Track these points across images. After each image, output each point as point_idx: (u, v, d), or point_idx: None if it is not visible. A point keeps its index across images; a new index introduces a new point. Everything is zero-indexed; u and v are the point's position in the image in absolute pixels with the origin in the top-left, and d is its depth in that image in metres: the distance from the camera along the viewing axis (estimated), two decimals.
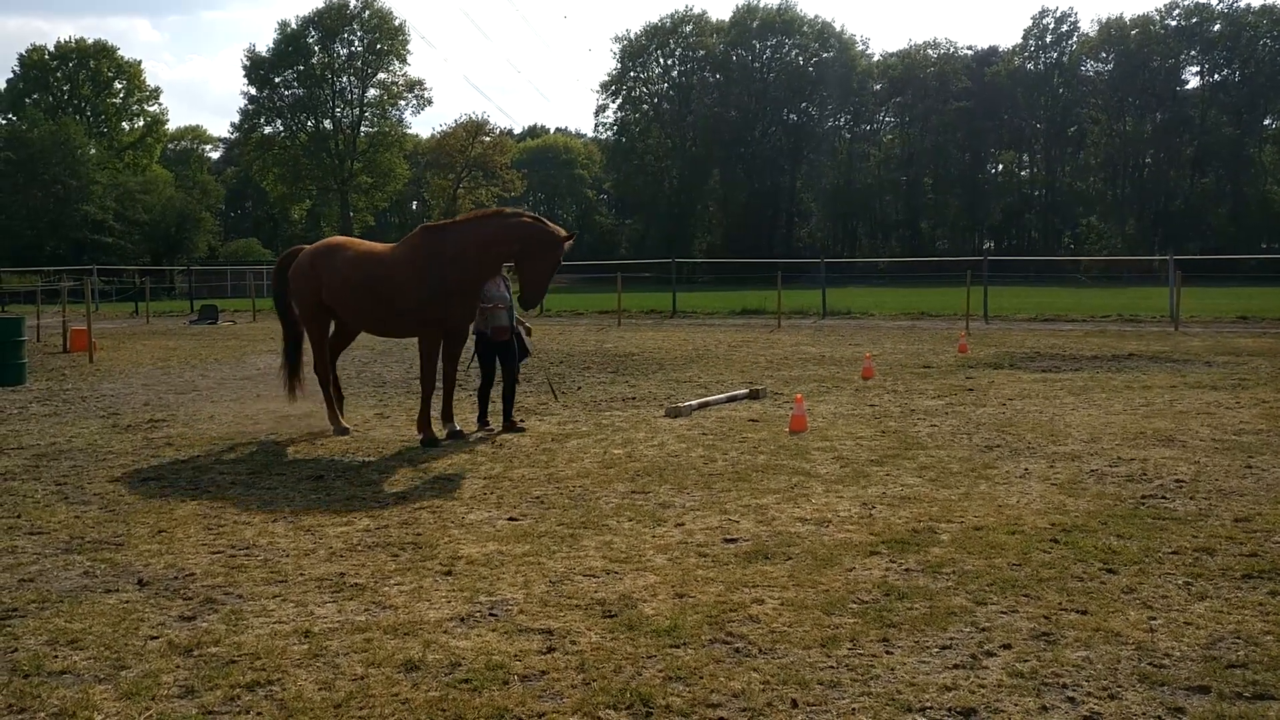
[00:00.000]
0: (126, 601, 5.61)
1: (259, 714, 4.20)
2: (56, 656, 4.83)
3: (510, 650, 4.83)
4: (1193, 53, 79.89)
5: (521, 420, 11.62)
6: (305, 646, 4.91)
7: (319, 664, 4.70)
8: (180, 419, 12.31)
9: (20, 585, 5.91)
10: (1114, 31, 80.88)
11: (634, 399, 13.75)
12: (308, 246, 11.77)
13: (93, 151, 77.69)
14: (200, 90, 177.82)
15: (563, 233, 10.78)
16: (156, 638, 5.05)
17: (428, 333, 10.73)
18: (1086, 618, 5.19)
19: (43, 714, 4.22)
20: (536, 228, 10.62)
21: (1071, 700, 4.27)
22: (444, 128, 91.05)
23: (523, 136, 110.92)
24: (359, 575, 6.04)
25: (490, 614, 5.34)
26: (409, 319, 10.74)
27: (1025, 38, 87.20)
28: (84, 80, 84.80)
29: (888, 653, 4.79)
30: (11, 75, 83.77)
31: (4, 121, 79.19)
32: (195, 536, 6.97)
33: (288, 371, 11.92)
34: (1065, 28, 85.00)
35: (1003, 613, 5.29)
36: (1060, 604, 5.40)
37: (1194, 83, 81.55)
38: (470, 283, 10.62)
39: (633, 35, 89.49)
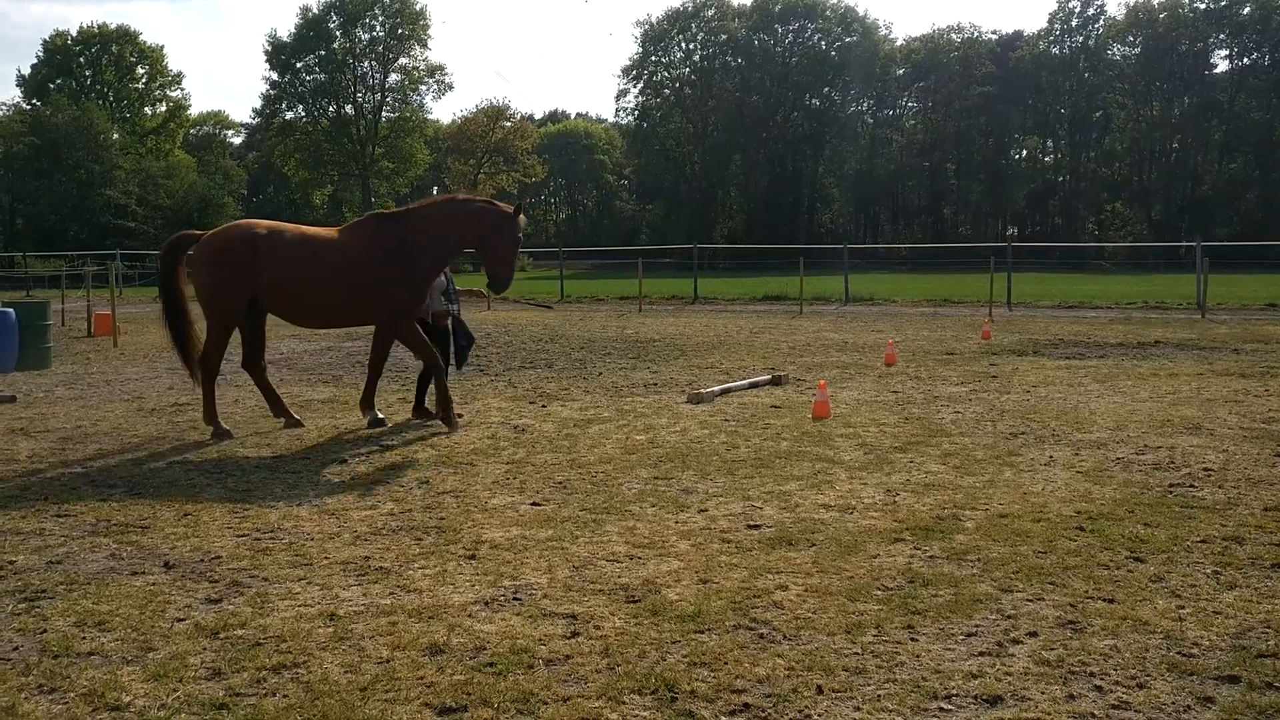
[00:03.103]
0: (153, 584, 5.65)
1: (285, 696, 4.22)
2: (85, 638, 4.86)
3: (534, 634, 4.84)
4: (1222, 36, 78.85)
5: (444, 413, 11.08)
6: (330, 629, 4.93)
7: (344, 647, 4.72)
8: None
9: (48, 567, 5.96)
10: (1142, 15, 79.93)
11: (656, 385, 13.74)
12: (199, 232, 10.92)
13: (116, 137, 78.00)
14: (222, 75, 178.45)
15: (515, 211, 10.71)
16: (183, 620, 5.09)
17: (391, 320, 10.43)
18: (1114, 606, 5.15)
19: (72, 694, 4.26)
20: (494, 210, 10.59)
21: (1099, 689, 4.24)
22: (465, 113, 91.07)
23: (543, 122, 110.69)
24: (383, 559, 6.07)
25: (514, 598, 5.35)
26: (370, 309, 10.41)
27: (1051, 22, 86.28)
28: (107, 65, 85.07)
29: (913, 640, 4.77)
30: (35, 61, 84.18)
31: (28, 107, 79.56)
32: (220, 519, 7.01)
33: (186, 356, 10.63)
34: (1092, 11, 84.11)
35: (1029, 600, 5.26)
36: (1087, 592, 5.36)
37: (1223, 66, 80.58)
38: (434, 269, 10.56)
39: (654, 20, 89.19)
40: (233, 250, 10.17)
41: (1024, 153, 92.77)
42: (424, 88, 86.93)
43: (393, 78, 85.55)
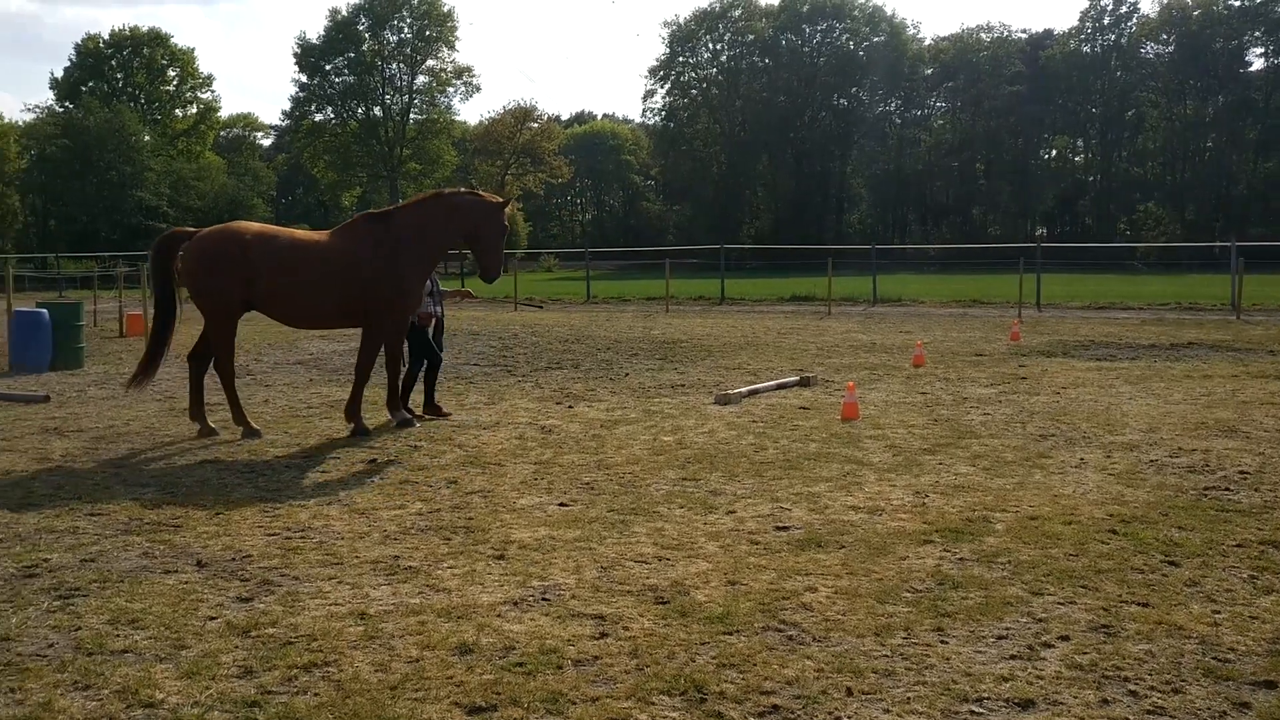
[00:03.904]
0: (185, 582, 5.70)
1: (316, 694, 4.25)
2: (118, 635, 4.91)
3: (563, 635, 4.84)
4: (1257, 34, 77.85)
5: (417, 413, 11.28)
6: (361, 628, 4.95)
7: (374, 646, 4.75)
8: None
9: (82, 565, 6.02)
10: (1175, 12, 79.06)
11: (683, 386, 13.73)
12: (193, 230, 10.71)
13: (147, 139, 78.73)
14: (251, 78, 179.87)
15: (500, 199, 10.77)
16: (215, 618, 5.12)
17: (386, 323, 10.36)
18: (1148, 610, 5.10)
19: (106, 691, 4.30)
20: (480, 201, 10.61)
21: (1134, 694, 4.20)
22: (492, 114, 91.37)
23: (570, 123, 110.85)
24: (412, 558, 6.09)
25: (543, 598, 5.36)
26: (361, 310, 10.30)
27: (1082, 20, 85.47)
28: (138, 68, 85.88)
29: (943, 642, 4.74)
30: (68, 64, 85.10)
31: (61, 110, 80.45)
32: (251, 519, 7.06)
33: (150, 360, 10.51)
34: (1124, 9, 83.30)
35: (1060, 604, 5.22)
36: (1120, 596, 5.31)
37: (1258, 65, 79.54)
38: (427, 268, 10.55)
39: (681, 20, 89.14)
40: (223, 252, 10.07)
41: (1054, 152, 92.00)
42: (451, 89, 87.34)
43: (420, 79, 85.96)
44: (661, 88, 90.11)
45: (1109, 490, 7.60)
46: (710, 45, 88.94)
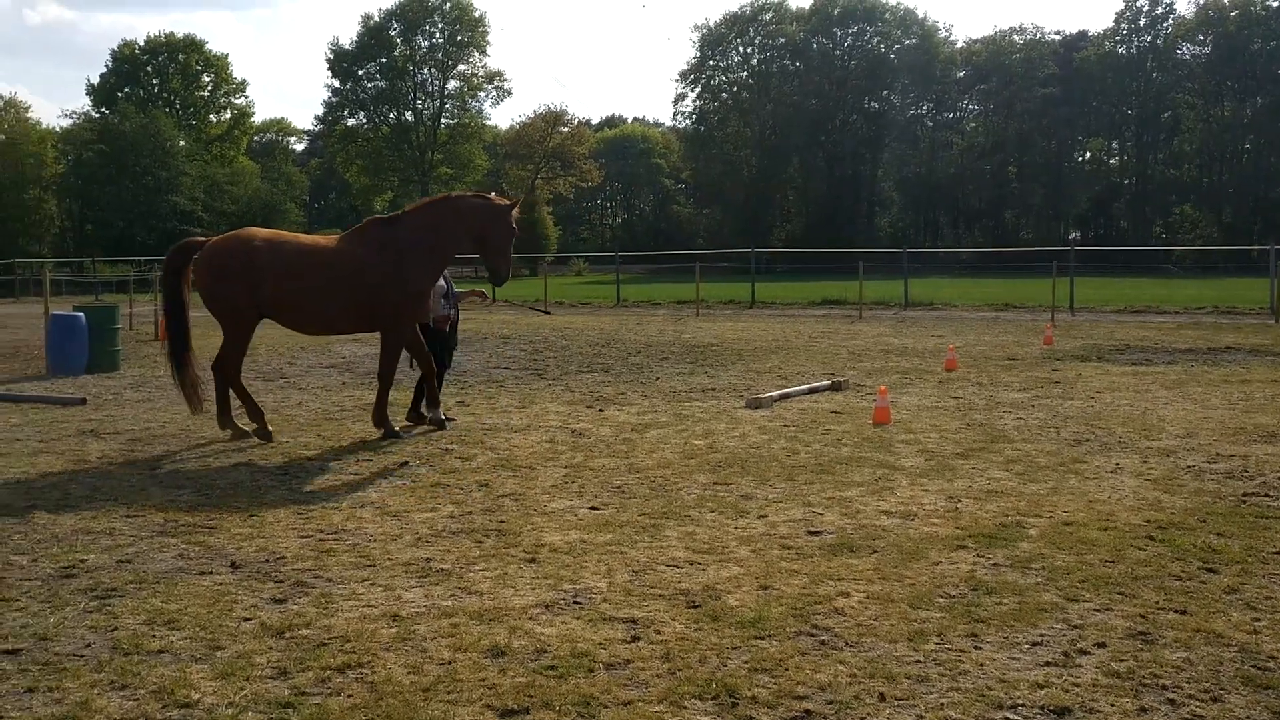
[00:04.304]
0: (220, 583, 5.74)
1: (349, 696, 4.27)
2: (154, 636, 4.95)
3: (595, 638, 4.84)
4: None
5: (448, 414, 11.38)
6: (394, 630, 4.97)
7: (407, 648, 4.76)
8: (269, 405, 12.54)
9: (119, 566, 6.08)
10: (1212, 13, 78.16)
11: (714, 390, 13.70)
12: (203, 238, 10.82)
13: (182, 144, 79.65)
14: (284, 82, 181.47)
15: (507, 201, 10.69)
16: (250, 619, 5.16)
17: (397, 327, 10.38)
18: (1186, 618, 5.04)
19: (143, 691, 4.34)
20: (488, 203, 10.56)
21: (1172, 702, 4.15)
22: (523, 118, 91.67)
23: (600, 127, 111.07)
24: (444, 561, 6.11)
25: (574, 602, 5.36)
26: (374, 316, 10.32)
27: (1117, 21, 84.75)
28: (173, 74, 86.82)
29: (976, 648, 4.70)
30: (104, 70, 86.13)
31: (97, 115, 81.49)
32: (285, 520, 7.11)
33: (184, 376, 10.54)
34: (1160, 10, 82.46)
35: (1096, 610, 5.16)
36: (1158, 603, 5.25)
37: None
38: (435, 271, 10.54)
39: (712, 24, 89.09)
40: (234, 259, 10.10)
41: (1088, 155, 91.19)
42: (482, 94, 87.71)
43: (452, 84, 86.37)
44: (692, 91, 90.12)
45: (1146, 496, 7.52)
46: (740, 49, 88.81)
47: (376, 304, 10.23)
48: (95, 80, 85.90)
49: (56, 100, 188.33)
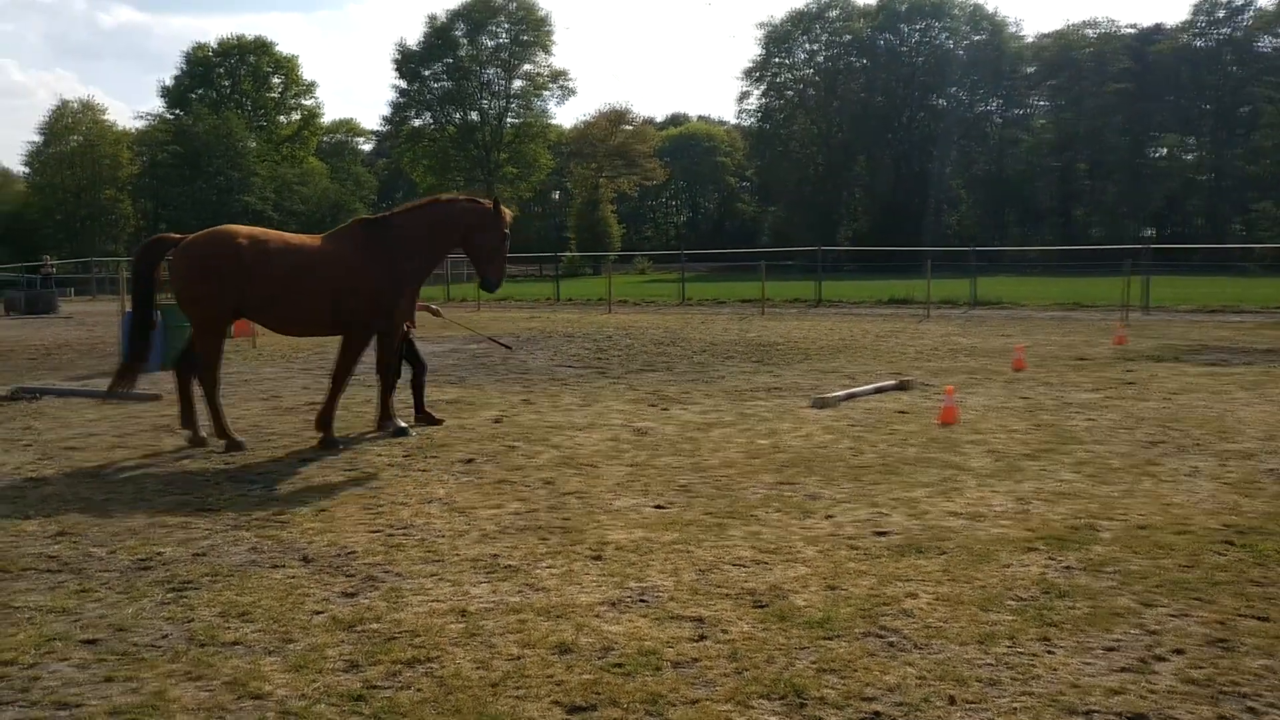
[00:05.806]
0: (292, 577, 5.84)
1: (419, 690, 4.32)
2: (229, 628, 5.06)
3: (661, 637, 4.85)
4: None
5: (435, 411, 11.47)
6: (462, 625, 5.02)
7: (475, 643, 4.81)
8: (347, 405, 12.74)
9: (194, 559, 6.21)
10: None
11: (778, 389, 13.64)
12: (179, 236, 10.32)
13: (253, 144, 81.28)
14: (352, 84, 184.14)
15: (504, 210, 10.44)
16: (321, 613, 5.24)
17: (368, 331, 10.13)
18: (1267, 625, 4.91)
19: (217, 682, 4.43)
20: (476, 207, 10.36)
21: (1252, 711, 4.05)
22: (587, 117, 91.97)
23: (664, 125, 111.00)
24: (511, 557, 6.15)
25: (640, 600, 5.37)
26: (354, 318, 9.98)
27: (1194, 14, 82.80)
28: (244, 76, 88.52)
29: (1049, 652, 4.63)
30: (177, 73, 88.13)
31: (170, 117, 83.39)
32: (354, 516, 7.22)
33: (127, 384, 10.54)
34: (1240, 2, 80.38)
35: (1173, 616, 5.05)
36: (1237, 609, 5.12)
37: None
38: (421, 275, 10.36)
39: (776, 21, 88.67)
40: (213, 259, 9.67)
41: (1163, 151, 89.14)
42: (547, 93, 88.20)
43: (517, 84, 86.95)
44: (757, 89, 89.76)
45: (1224, 499, 7.33)
46: (806, 46, 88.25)
47: (356, 305, 9.91)
48: (168, 82, 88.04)
49: (131, 102, 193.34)
